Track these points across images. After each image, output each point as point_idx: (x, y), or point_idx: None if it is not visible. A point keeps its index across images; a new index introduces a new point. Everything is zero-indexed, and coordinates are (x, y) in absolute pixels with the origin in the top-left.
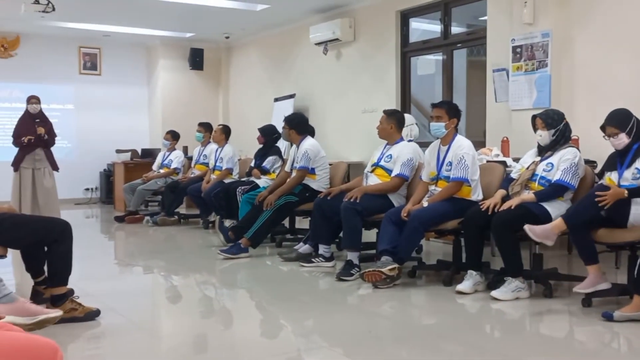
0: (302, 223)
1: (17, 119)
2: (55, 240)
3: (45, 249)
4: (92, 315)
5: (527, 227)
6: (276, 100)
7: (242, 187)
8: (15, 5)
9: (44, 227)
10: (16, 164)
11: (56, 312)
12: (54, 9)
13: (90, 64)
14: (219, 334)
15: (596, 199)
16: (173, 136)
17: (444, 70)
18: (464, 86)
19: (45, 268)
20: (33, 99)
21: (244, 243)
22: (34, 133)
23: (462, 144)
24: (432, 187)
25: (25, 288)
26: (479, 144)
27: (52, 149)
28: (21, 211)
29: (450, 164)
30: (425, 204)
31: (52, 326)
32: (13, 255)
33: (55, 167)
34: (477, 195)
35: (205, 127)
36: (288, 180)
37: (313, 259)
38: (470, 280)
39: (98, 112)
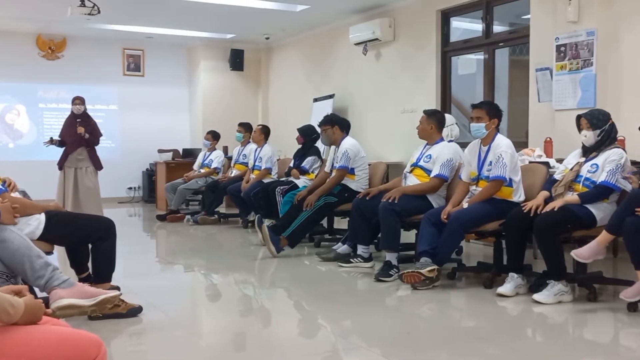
0: (341, 223)
1: (63, 119)
2: (100, 238)
3: (90, 246)
4: (134, 311)
5: (573, 253)
6: (315, 100)
7: (281, 187)
8: (62, 9)
9: (90, 225)
10: (60, 163)
11: (114, 292)
12: (99, 12)
13: (134, 65)
14: (258, 333)
15: (636, 212)
16: (213, 136)
17: (485, 70)
18: (505, 86)
19: (89, 265)
20: (77, 100)
21: (282, 242)
22: (75, 133)
23: (500, 142)
24: (473, 188)
25: None
26: (522, 144)
27: (97, 148)
28: (65, 209)
29: (492, 163)
30: (465, 205)
31: (96, 322)
32: (58, 252)
33: (98, 167)
34: (519, 196)
35: (245, 127)
36: (327, 180)
37: (351, 260)
38: (511, 283)
39: (141, 113)
